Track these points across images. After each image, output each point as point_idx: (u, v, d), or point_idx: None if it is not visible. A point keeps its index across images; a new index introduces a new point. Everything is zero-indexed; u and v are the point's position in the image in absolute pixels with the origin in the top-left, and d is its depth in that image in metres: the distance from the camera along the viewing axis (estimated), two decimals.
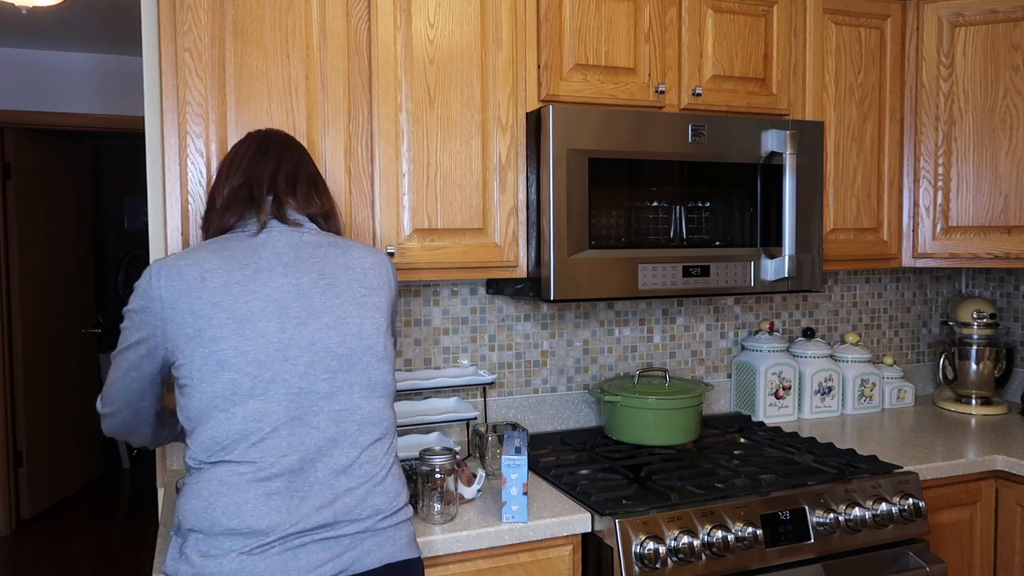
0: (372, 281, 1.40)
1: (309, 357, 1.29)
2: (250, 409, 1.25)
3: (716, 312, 2.58)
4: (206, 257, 1.31)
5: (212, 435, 1.25)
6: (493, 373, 2.28)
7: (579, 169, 1.89)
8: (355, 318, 1.35)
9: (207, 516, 1.23)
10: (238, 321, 1.27)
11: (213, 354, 1.25)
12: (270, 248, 1.35)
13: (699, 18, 2.10)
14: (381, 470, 1.33)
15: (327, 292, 1.34)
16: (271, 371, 1.26)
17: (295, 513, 1.24)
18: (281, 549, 1.22)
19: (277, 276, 1.32)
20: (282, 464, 1.25)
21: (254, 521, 1.22)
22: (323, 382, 1.30)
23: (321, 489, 1.26)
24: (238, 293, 1.28)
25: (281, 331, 1.28)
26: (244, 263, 1.31)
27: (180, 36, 1.67)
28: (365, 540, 1.28)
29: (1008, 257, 2.33)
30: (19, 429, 4.62)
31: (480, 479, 1.78)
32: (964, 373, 2.64)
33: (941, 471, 2.05)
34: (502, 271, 1.97)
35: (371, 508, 1.29)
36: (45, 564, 4.12)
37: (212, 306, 1.27)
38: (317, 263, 1.36)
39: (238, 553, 1.21)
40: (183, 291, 1.27)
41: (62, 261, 5.06)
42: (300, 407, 1.27)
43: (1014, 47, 2.30)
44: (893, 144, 2.39)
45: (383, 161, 1.83)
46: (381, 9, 1.81)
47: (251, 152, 1.45)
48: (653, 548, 1.63)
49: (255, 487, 1.23)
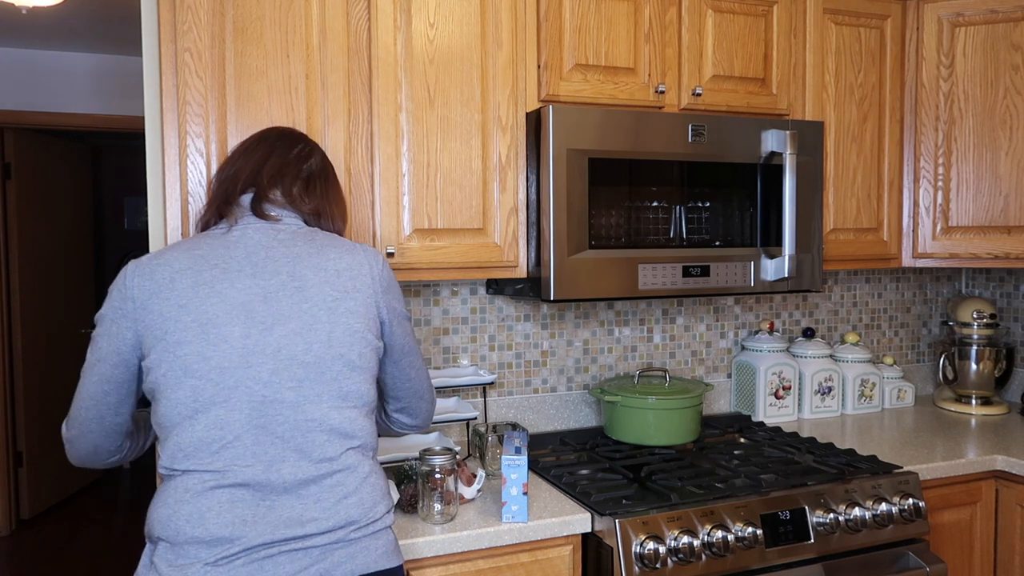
0: (347, 284, 1.32)
1: (273, 364, 1.24)
2: (212, 417, 1.21)
3: (716, 312, 2.58)
4: (177, 256, 1.27)
5: (177, 442, 1.22)
6: (493, 373, 2.28)
7: (579, 169, 1.89)
8: (324, 324, 1.27)
9: (172, 524, 1.20)
10: (203, 325, 1.22)
11: (177, 359, 1.21)
12: (242, 246, 1.30)
13: (699, 18, 2.10)
14: (354, 480, 1.27)
15: (295, 296, 1.27)
16: (234, 378, 1.22)
17: (261, 523, 1.20)
18: (247, 560, 1.18)
19: (245, 277, 1.26)
20: (246, 473, 1.21)
21: (217, 529, 1.18)
22: (289, 391, 1.24)
23: (289, 499, 1.22)
24: (205, 295, 1.24)
25: (245, 336, 1.23)
26: (214, 263, 1.27)
27: (180, 36, 1.67)
28: (336, 551, 1.23)
29: (1008, 257, 2.33)
30: (19, 429, 4.62)
31: (480, 479, 1.78)
32: (964, 373, 2.64)
33: (941, 471, 2.05)
34: (502, 271, 1.97)
35: (343, 519, 1.25)
36: (45, 564, 4.12)
37: (178, 308, 1.23)
38: (288, 263, 1.29)
39: (203, 564, 1.17)
40: (153, 292, 1.24)
41: (62, 261, 5.06)
42: (264, 416, 1.23)
43: (1014, 47, 2.30)
44: (893, 144, 2.39)
45: (383, 161, 1.83)
46: (381, 9, 1.81)
47: (245, 147, 1.42)
48: (653, 548, 1.63)
49: (218, 494, 1.20)
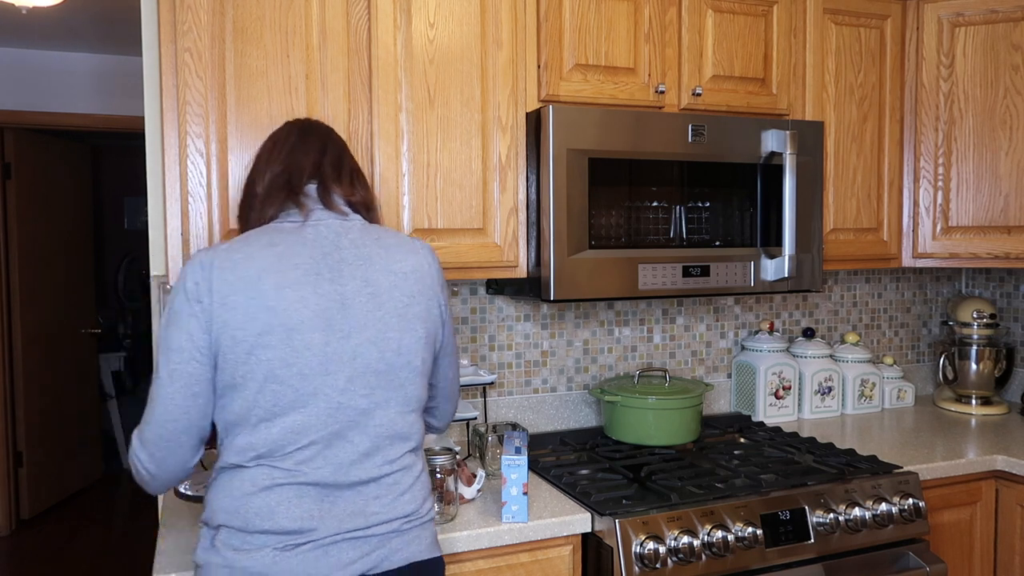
0: (413, 287, 1.36)
1: (350, 372, 1.27)
2: (290, 421, 1.24)
3: (716, 312, 2.58)
4: (257, 252, 1.27)
5: (249, 441, 1.24)
6: (493, 373, 2.28)
7: (579, 169, 1.89)
8: (395, 331, 1.32)
9: (240, 515, 1.23)
10: (289, 331, 1.23)
11: (261, 364, 1.23)
12: (318, 245, 1.31)
13: (699, 18, 2.10)
14: (409, 478, 1.34)
15: (369, 302, 1.31)
16: (313, 385, 1.25)
17: (327, 517, 1.25)
18: (313, 547, 1.23)
19: (324, 283, 1.28)
20: (316, 475, 1.25)
21: (287, 523, 1.23)
22: (362, 398, 1.28)
23: (351, 496, 1.27)
24: (290, 299, 1.25)
25: (326, 344, 1.26)
26: (295, 263, 1.27)
27: (180, 36, 1.67)
28: (392, 539, 1.29)
29: (1008, 257, 2.33)
30: (19, 429, 4.62)
31: (480, 479, 1.78)
32: (964, 373, 2.64)
33: (941, 471, 2.05)
34: (502, 271, 1.97)
35: (399, 513, 1.31)
36: (45, 564, 4.12)
37: (266, 311, 1.23)
38: (361, 267, 1.32)
39: (272, 549, 1.22)
40: (238, 288, 1.23)
41: (62, 261, 5.06)
42: (339, 422, 1.27)
43: (1014, 47, 2.30)
44: (893, 144, 2.39)
45: (383, 161, 1.82)
46: (381, 9, 1.81)
47: (292, 140, 1.41)
48: (653, 548, 1.63)
49: (286, 490, 1.24)
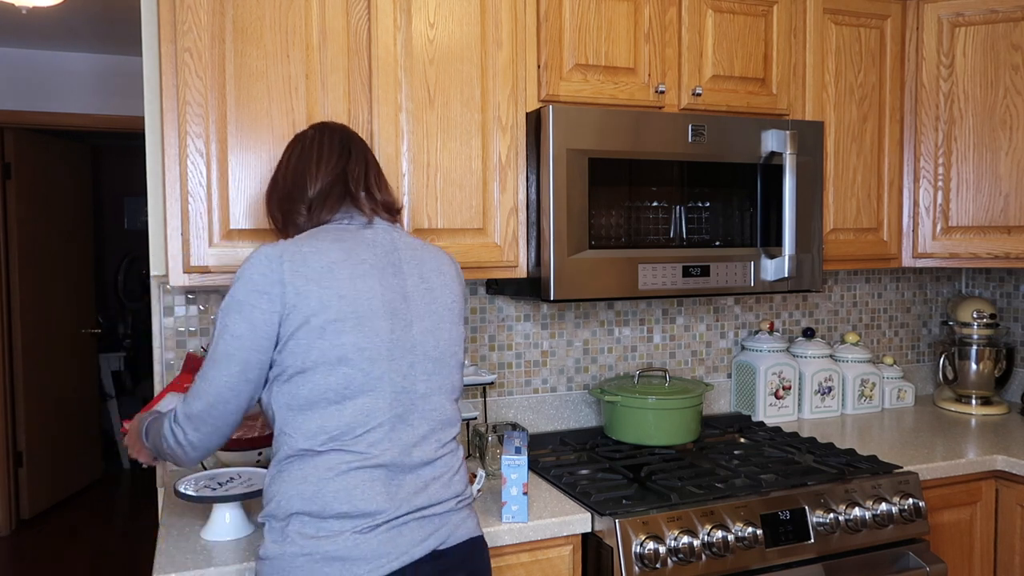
0: (457, 289, 1.49)
1: (411, 359, 1.37)
2: (360, 404, 1.31)
3: (716, 312, 2.58)
4: (328, 247, 1.34)
5: (321, 425, 1.30)
6: (493, 373, 2.28)
7: (579, 169, 1.89)
8: (447, 323, 1.44)
9: (318, 500, 1.28)
10: (360, 317, 1.31)
11: (334, 348, 1.29)
12: (380, 246, 1.40)
13: (699, 18, 2.10)
14: (457, 462, 1.43)
15: (426, 296, 1.42)
16: (380, 369, 1.33)
17: (395, 499, 1.32)
18: (388, 527, 1.30)
19: (389, 276, 1.38)
20: (384, 457, 1.32)
21: (364, 504, 1.29)
22: (421, 383, 1.38)
23: (413, 479, 1.35)
24: (361, 288, 1.33)
25: (391, 331, 1.35)
26: (363, 258, 1.36)
27: (180, 36, 1.67)
28: (451, 517, 1.38)
29: (1008, 257, 2.33)
30: (19, 429, 4.62)
31: (480, 479, 1.78)
32: (964, 373, 2.64)
33: (941, 471, 2.05)
34: (502, 271, 1.97)
35: (452, 493, 1.39)
36: (45, 564, 4.12)
37: (339, 299, 1.30)
38: (416, 266, 1.43)
39: (351, 532, 1.27)
40: (311, 278, 1.30)
41: (62, 261, 5.06)
42: (402, 405, 1.35)
43: (1014, 47, 2.30)
44: (893, 144, 2.39)
45: (383, 161, 1.82)
46: (381, 9, 1.81)
47: (335, 148, 1.47)
48: (653, 548, 1.63)
49: (361, 474, 1.30)
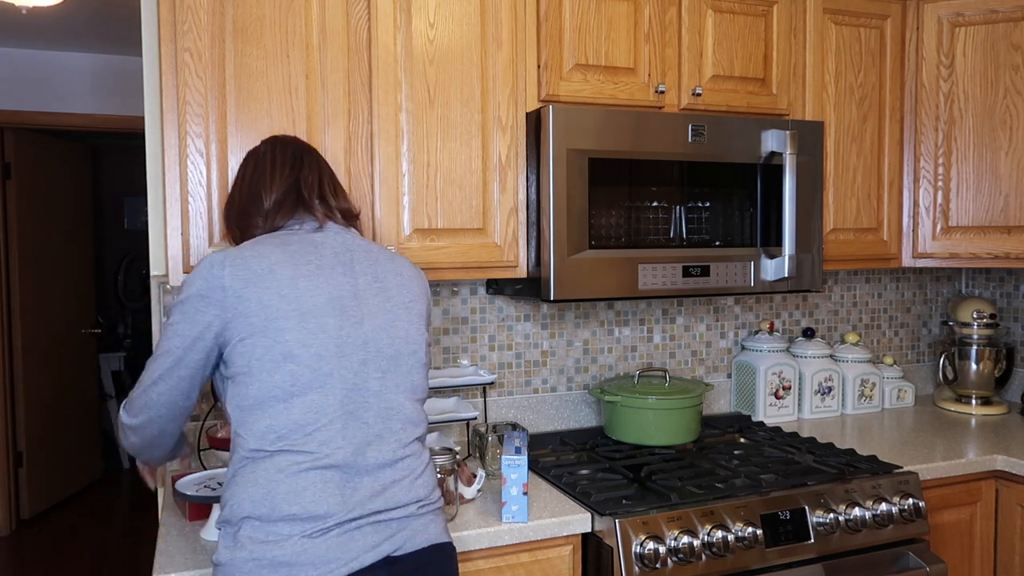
0: (416, 290, 1.48)
1: (363, 356, 1.36)
2: (308, 401, 1.30)
3: (716, 312, 2.58)
4: (270, 251, 1.35)
5: (270, 424, 1.29)
6: (493, 373, 2.28)
7: (579, 169, 1.89)
8: (403, 322, 1.42)
9: (267, 502, 1.26)
10: (303, 315, 1.31)
11: (277, 345, 1.30)
12: (329, 247, 1.41)
13: (699, 18, 2.10)
14: (420, 465, 1.40)
15: (379, 295, 1.41)
16: (329, 366, 1.32)
17: (349, 501, 1.29)
18: (339, 532, 1.27)
19: (337, 275, 1.38)
20: (336, 456, 1.30)
21: (313, 507, 1.26)
22: (374, 380, 1.36)
23: (370, 480, 1.32)
24: (304, 287, 1.33)
25: (340, 328, 1.34)
26: (308, 259, 1.37)
27: (180, 36, 1.67)
28: (411, 523, 1.35)
29: (1008, 257, 2.33)
30: (19, 429, 4.62)
31: (480, 479, 1.78)
32: (964, 373, 2.64)
33: (941, 471, 2.05)
34: (502, 271, 1.97)
35: (414, 497, 1.36)
36: (45, 564, 4.12)
37: (279, 298, 1.31)
38: (370, 265, 1.43)
39: (299, 537, 1.25)
40: (250, 280, 1.31)
41: (62, 261, 5.06)
42: (353, 402, 1.33)
43: (1014, 47, 2.30)
44: (893, 144, 2.39)
45: (383, 161, 1.83)
46: (381, 9, 1.81)
47: (288, 159, 1.50)
48: (653, 548, 1.63)
49: (312, 475, 1.28)
